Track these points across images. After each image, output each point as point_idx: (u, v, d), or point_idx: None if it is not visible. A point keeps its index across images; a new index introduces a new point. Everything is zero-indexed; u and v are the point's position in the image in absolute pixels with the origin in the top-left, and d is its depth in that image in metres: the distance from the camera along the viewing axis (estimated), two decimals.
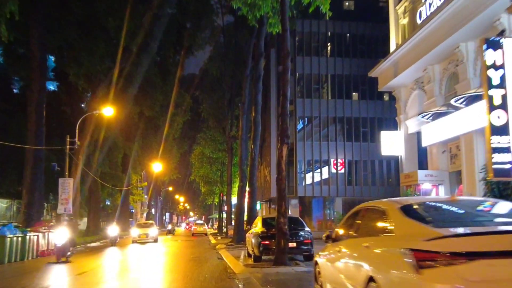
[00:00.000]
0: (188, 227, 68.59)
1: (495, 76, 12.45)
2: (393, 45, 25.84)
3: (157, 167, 46.11)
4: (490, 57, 12.47)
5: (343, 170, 34.52)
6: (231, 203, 37.83)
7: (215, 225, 65.35)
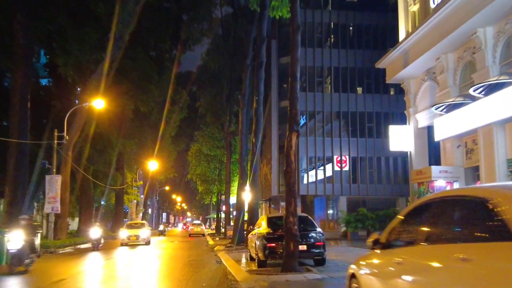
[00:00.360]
0: (185, 227, 68.93)
1: None
2: (402, 33, 24.65)
3: (153, 165, 45.11)
4: None
5: (347, 167, 32.94)
6: (229, 203, 36.80)
7: (212, 226, 64.77)
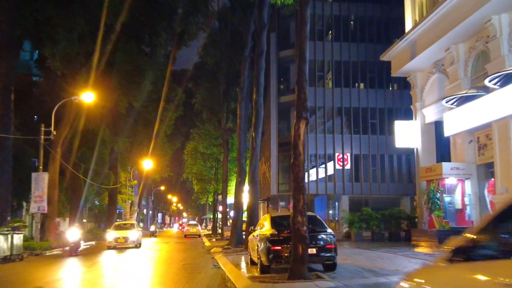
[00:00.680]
0: (181, 228, 68.37)
1: None
2: (409, 23, 23.47)
3: (147, 164, 43.77)
4: None
5: (349, 165, 31.61)
6: (226, 202, 35.52)
7: (209, 226, 63.51)
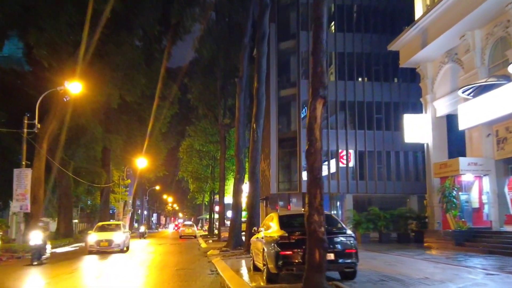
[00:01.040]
0: (176, 228, 67.56)
1: None
2: (419, 10, 22.05)
3: (142, 163, 42.16)
4: None
5: (353, 162, 30.08)
6: (223, 202, 33.99)
7: (205, 227, 62.04)
